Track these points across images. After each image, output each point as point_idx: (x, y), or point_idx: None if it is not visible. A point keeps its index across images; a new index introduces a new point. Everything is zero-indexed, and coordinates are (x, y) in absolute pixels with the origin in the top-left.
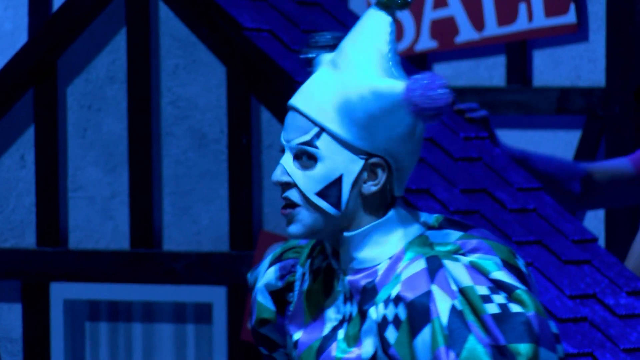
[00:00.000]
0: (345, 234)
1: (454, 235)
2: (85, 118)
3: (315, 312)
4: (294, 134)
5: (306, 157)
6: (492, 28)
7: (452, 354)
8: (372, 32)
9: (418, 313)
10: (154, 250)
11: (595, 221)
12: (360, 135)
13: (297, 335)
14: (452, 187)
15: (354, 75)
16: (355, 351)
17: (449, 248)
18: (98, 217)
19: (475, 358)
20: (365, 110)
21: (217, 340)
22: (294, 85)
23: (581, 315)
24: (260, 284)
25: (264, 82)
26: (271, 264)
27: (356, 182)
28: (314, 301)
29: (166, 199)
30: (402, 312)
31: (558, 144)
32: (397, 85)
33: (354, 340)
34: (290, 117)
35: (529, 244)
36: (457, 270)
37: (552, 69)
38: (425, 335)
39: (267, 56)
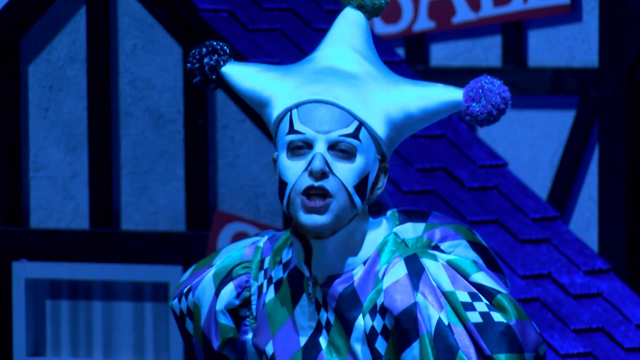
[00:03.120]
0: (330, 238)
1: (419, 227)
2: (47, 98)
3: (281, 322)
4: (332, 126)
5: (346, 148)
6: (488, 9)
7: None
8: (364, 32)
9: (406, 326)
10: (113, 229)
11: (589, 202)
12: (389, 135)
13: (269, 348)
14: (408, 166)
15: (393, 81)
16: None
17: (420, 243)
18: (59, 197)
19: None
20: (409, 114)
21: (174, 318)
22: None
23: (532, 295)
24: (219, 306)
25: None
26: (222, 283)
27: (372, 183)
28: (279, 312)
29: (124, 179)
30: (389, 323)
31: (552, 124)
32: (456, 93)
33: (344, 349)
34: (322, 111)
35: (485, 223)
36: (437, 272)
37: (546, 49)
38: (414, 350)
39: (221, 37)
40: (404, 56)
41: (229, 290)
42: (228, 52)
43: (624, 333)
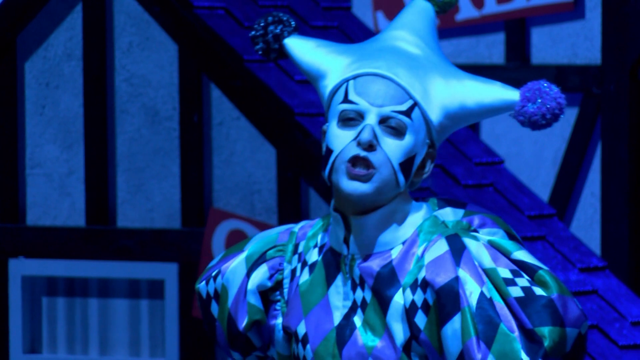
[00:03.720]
0: (371, 214)
1: (458, 212)
2: (44, 95)
3: (315, 302)
4: (386, 101)
5: (397, 125)
6: (492, 6)
7: (483, 345)
8: (430, 22)
9: (447, 300)
10: (109, 227)
11: (592, 199)
12: (442, 122)
13: (301, 328)
14: None
15: (452, 72)
16: (385, 339)
17: (460, 226)
18: (55, 194)
19: (507, 348)
20: (464, 107)
21: (169, 315)
22: (243, 63)
23: None
24: (251, 286)
25: (215, 60)
26: (255, 265)
27: (418, 166)
28: (312, 292)
29: (120, 176)
30: (430, 297)
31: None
32: (513, 93)
33: (379, 327)
34: (379, 84)
35: None
36: (478, 250)
37: (549, 46)
38: (455, 323)
39: (216, 34)
40: None
41: (262, 272)
42: (293, 24)
43: (619, 330)
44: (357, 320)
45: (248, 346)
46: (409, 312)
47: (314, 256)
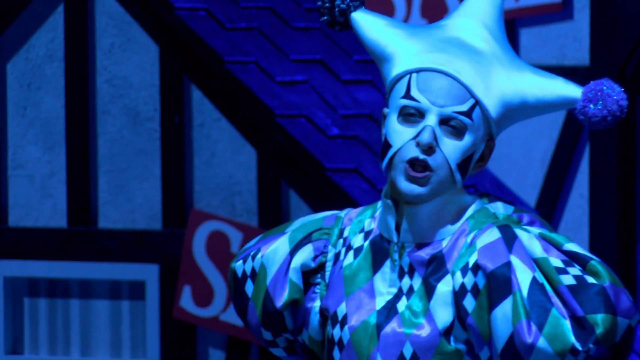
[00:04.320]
0: (425, 205)
1: (509, 208)
2: (25, 96)
3: (358, 286)
4: (448, 101)
5: (457, 125)
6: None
7: (534, 328)
8: (491, 14)
9: (498, 284)
10: (90, 228)
11: (580, 200)
12: (502, 116)
13: (341, 308)
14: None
15: (517, 66)
16: (425, 325)
17: (510, 220)
18: (37, 195)
19: (558, 332)
20: (525, 101)
21: (150, 316)
22: (224, 64)
23: None
24: (295, 264)
25: (195, 61)
26: (299, 244)
27: (476, 161)
28: (357, 276)
29: (102, 177)
30: (480, 281)
31: (544, 122)
32: (575, 91)
33: (421, 313)
34: (441, 82)
35: None
36: (530, 241)
37: (538, 47)
38: (505, 307)
39: (197, 35)
40: None
41: (307, 251)
42: None
43: None
44: (401, 306)
45: (281, 326)
46: (458, 295)
47: (359, 241)
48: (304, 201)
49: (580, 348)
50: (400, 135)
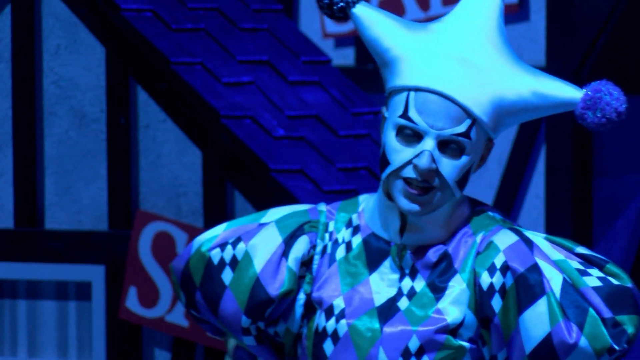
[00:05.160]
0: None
1: (499, 215)
2: None
3: (353, 284)
4: (446, 123)
5: (455, 147)
6: (437, 8)
7: (575, 327)
8: (489, 15)
9: (530, 286)
10: (37, 229)
11: (536, 201)
12: (501, 122)
13: (339, 302)
14: (329, 165)
15: (515, 72)
16: (433, 320)
17: (508, 224)
18: None
19: (597, 331)
20: (524, 107)
21: (96, 317)
22: (170, 66)
23: None
24: (297, 254)
25: (142, 63)
26: (293, 236)
27: (476, 165)
28: (351, 273)
29: (49, 179)
30: (508, 282)
31: None
32: (574, 94)
33: (426, 312)
34: (439, 104)
35: None
36: (542, 244)
37: None
38: (539, 307)
39: (143, 37)
40: (355, 55)
41: (305, 242)
42: None
43: None
44: (402, 304)
45: (264, 314)
46: (485, 295)
47: (347, 236)
48: (249, 202)
49: (617, 348)
50: (398, 154)
